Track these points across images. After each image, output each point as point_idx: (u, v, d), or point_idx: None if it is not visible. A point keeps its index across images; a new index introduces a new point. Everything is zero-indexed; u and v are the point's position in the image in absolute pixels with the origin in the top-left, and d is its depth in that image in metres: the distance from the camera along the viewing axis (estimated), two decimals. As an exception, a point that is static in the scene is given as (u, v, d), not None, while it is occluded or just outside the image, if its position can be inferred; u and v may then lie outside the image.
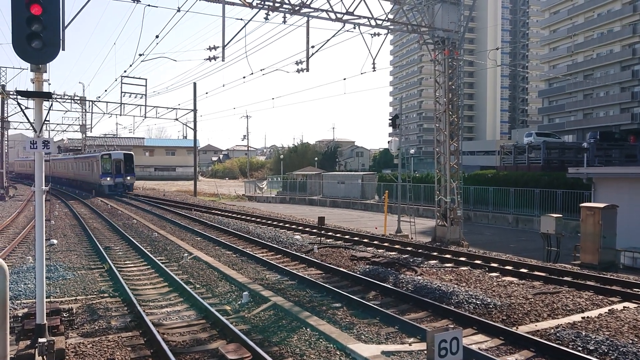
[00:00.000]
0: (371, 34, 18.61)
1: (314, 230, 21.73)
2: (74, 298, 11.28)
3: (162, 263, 14.71)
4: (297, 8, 16.46)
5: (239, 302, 10.83)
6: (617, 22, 60.63)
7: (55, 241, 18.54)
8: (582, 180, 23.06)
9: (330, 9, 16.83)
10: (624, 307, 10.54)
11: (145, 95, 36.71)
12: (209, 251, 16.90)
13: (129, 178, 46.76)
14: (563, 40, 68.88)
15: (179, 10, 15.69)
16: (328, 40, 18.15)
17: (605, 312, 10.07)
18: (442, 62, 19.50)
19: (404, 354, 7.76)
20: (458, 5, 19.40)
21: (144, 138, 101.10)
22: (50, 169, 63.83)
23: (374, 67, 19.04)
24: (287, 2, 16.19)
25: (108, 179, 44.87)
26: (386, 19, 18.40)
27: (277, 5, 16.09)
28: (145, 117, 41.85)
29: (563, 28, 69.75)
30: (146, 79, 36.05)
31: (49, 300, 9.91)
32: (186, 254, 15.94)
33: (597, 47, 63.64)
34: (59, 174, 63.19)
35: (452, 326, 8.97)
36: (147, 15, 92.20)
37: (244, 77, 25.02)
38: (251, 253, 16.34)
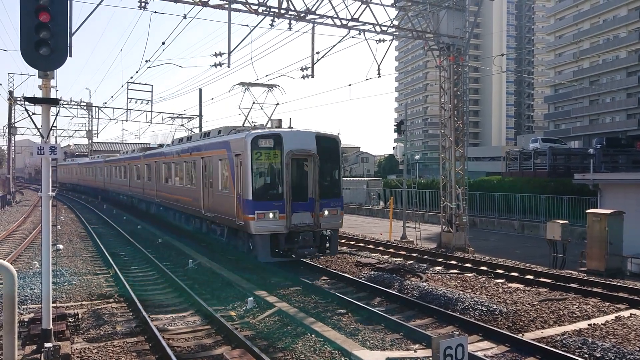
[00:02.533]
0: (376, 40, 18.65)
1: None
2: (79, 303, 11.32)
3: (167, 268, 14.72)
4: (302, 15, 16.53)
5: (244, 308, 10.83)
6: (623, 28, 60.46)
7: (61, 246, 18.61)
8: (588, 187, 22.96)
9: (335, 15, 16.88)
10: (631, 314, 10.46)
11: (151, 101, 36.87)
12: (213, 257, 16.88)
13: (326, 213, 15.09)
14: (569, 46, 68.69)
15: (185, 17, 15.78)
16: (333, 46, 18.22)
17: (612, 319, 10.00)
18: (447, 68, 19.51)
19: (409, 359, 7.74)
20: (463, 11, 19.42)
21: (149, 144, 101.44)
22: (114, 177, 37.91)
23: (379, 73, 19.07)
24: (292, 8, 16.26)
25: (272, 214, 14.35)
26: (391, 25, 18.42)
27: (282, 11, 16.16)
28: (151, 123, 42.03)
29: (569, 34, 69.61)
30: (152, 85, 36.15)
31: (54, 305, 9.94)
32: (191, 260, 15.95)
33: (603, 53, 63.45)
34: (135, 190, 30.99)
35: (458, 333, 8.92)
36: (154, 22, 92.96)
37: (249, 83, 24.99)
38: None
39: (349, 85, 42.66)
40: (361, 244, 19.85)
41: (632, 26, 59.23)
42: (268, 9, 15.98)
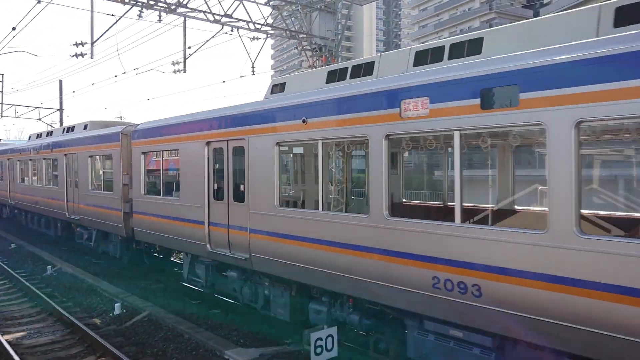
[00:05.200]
0: (250, 38, 18.65)
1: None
2: None
3: (22, 277, 13.40)
4: (173, 7, 15.98)
5: (111, 314, 10.25)
6: (477, 20, 66.79)
7: None
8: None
9: (208, 10, 16.57)
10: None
11: (2, 92, 33.36)
12: (77, 262, 15.63)
13: None
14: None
15: (39, 2, 14.46)
16: (206, 41, 17.85)
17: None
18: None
19: (282, 354, 7.88)
20: (334, 14, 20.10)
21: (1, 139, 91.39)
22: None
23: (253, 71, 19.08)
24: (162, 0, 15.66)
25: None
26: (265, 23, 18.53)
27: (151, 3, 15.49)
28: (2, 116, 37.84)
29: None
30: (2, 74, 32.58)
31: None
32: (49, 266, 14.66)
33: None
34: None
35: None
36: (3, 5, 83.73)
37: (115, 76, 23.72)
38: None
39: (224, 81, 41.92)
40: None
41: (484, 17, 65.94)
42: (136, -1, 15.24)
